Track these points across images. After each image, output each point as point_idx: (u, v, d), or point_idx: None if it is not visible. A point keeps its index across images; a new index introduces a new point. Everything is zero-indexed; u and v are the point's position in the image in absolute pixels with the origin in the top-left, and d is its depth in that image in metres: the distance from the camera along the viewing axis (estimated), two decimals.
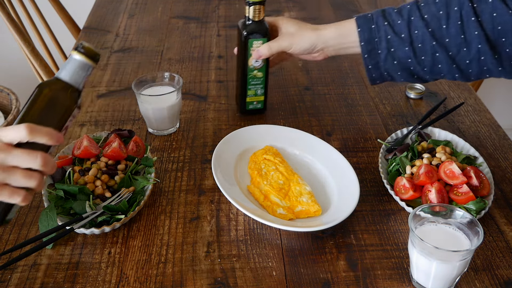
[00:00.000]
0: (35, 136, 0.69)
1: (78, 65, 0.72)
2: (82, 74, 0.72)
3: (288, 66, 1.40)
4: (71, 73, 0.72)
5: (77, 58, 0.72)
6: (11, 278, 0.83)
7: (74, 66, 0.72)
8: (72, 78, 0.72)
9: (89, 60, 0.72)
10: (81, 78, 0.73)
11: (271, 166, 1.01)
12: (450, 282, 0.79)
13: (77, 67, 0.72)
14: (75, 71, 0.72)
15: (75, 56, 0.72)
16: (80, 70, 0.72)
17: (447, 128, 1.13)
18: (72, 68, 0.72)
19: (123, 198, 0.92)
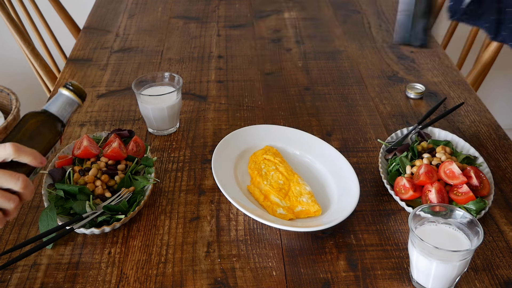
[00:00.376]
0: (20, 155, 0.70)
1: (65, 100, 0.76)
2: (68, 110, 0.76)
3: (288, 66, 1.40)
4: (58, 107, 0.76)
5: (66, 94, 0.76)
6: (11, 278, 0.83)
7: (62, 101, 0.76)
8: (59, 111, 0.76)
9: (77, 97, 0.77)
10: (67, 113, 0.77)
11: (271, 166, 1.01)
12: (450, 282, 0.79)
13: (65, 103, 0.76)
14: (62, 106, 0.76)
15: (64, 92, 0.76)
16: (67, 105, 0.76)
17: (447, 128, 1.13)
18: (60, 102, 0.76)
19: (123, 198, 0.92)
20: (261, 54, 1.46)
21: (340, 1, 1.75)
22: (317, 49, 1.48)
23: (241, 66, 1.40)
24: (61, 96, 0.77)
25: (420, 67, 1.38)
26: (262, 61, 1.42)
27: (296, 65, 1.40)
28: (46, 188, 0.93)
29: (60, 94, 0.77)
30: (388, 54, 1.45)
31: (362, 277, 0.83)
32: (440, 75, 1.34)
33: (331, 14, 1.67)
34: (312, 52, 1.46)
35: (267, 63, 1.41)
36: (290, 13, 1.68)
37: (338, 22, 1.62)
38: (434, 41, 1.01)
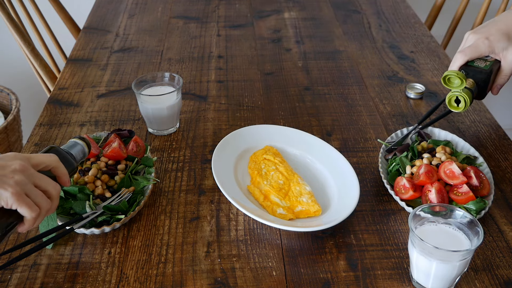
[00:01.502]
0: (59, 166, 0.78)
1: (81, 148, 0.88)
2: (80, 156, 0.87)
3: (288, 66, 1.40)
4: (76, 151, 0.87)
5: (81, 143, 0.88)
6: (11, 278, 0.83)
7: (78, 148, 0.87)
8: (76, 155, 0.87)
9: (87, 149, 0.89)
10: (79, 158, 0.87)
11: (271, 166, 1.01)
12: (450, 282, 0.79)
13: (79, 150, 0.87)
14: (76, 151, 0.87)
15: (79, 142, 0.89)
16: (80, 152, 0.87)
17: (447, 128, 1.13)
18: (77, 149, 0.87)
19: (123, 198, 0.92)
20: (261, 54, 1.46)
21: (340, 1, 1.75)
22: (317, 49, 1.48)
23: (241, 66, 1.40)
24: (78, 144, 0.88)
25: (420, 67, 1.38)
26: (262, 61, 1.42)
27: (296, 65, 1.41)
28: None
29: (76, 143, 0.88)
30: (388, 54, 1.45)
31: (362, 277, 0.83)
32: (440, 75, 1.34)
33: (331, 14, 1.67)
34: (312, 52, 1.46)
35: (267, 63, 1.42)
36: (290, 13, 1.68)
37: (338, 22, 1.62)
38: None
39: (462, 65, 1.05)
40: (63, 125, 1.17)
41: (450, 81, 1.01)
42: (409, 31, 1.57)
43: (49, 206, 0.75)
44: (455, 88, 1.01)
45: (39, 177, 0.74)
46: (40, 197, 0.74)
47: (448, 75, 1.00)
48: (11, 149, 2.06)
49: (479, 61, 1.05)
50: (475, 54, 1.04)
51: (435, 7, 1.85)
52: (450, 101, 1.02)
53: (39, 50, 1.59)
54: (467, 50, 1.04)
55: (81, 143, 0.87)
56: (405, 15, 1.66)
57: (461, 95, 1.00)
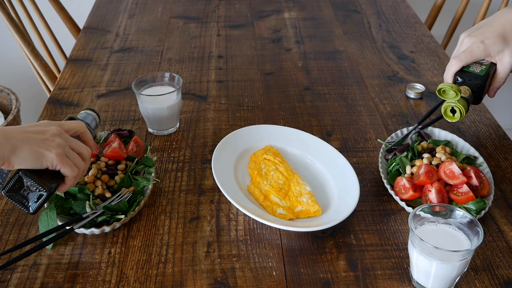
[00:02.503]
0: (86, 133, 0.87)
1: (93, 118, 0.99)
2: (94, 125, 0.99)
3: (288, 66, 1.40)
4: (90, 120, 0.98)
5: (92, 114, 0.99)
6: (11, 278, 0.83)
7: (91, 117, 0.99)
8: (91, 123, 0.98)
9: (98, 119, 1.00)
10: (93, 127, 0.98)
11: (271, 166, 1.01)
12: (450, 282, 0.79)
13: (93, 120, 0.99)
14: (91, 121, 0.98)
15: (90, 113, 0.99)
16: (94, 122, 0.99)
17: (447, 128, 1.13)
18: (90, 119, 0.98)
19: (123, 198, 0.92)
20: (261, 54, 1.46)
21: (340, 1, 1.75)
22: (317, 49, 1.48)
23: (241, 66, 1.40)
24: (89, 115, 0.98)
25: (420, 67, 1.38)
26: (262, 61, 1.42)
27: (296, 65, 1.41)
28: None
29: (87, 114, 0.98)
30: (388, 54, 1.45)
31: (362, 277, 0.83)
32: (440, 75, 1.34)
33: (331, 14, 1.67)
34: (312, 52, 1.46)
35: (267, 63, 1.42)
36: (290, 13, 1.68)
37: (338, 22, 1.62)
38: None
39: (457, 71, 1.04)
40: None
41: (445, 92, 0.99)
42: (409, 31, 1.57)
43: (84, 167, 0.83)
44: (450, 99, 0.99)
45: (74, 141, 0.82)
46: (78, 159, 0.81)
47: (442, 87, 0.99)
48: None
49: (475, 65, 1.04)
50: (470, 59, 1.03)
51: (435, 7, 1.85)
52: (446, 111, 1.01)
53: (39, 50, 1.59)
54: (462, 55, 1.03)
55: (92, 114, 0.97)
56: (405, 15, 1.66)
57: (457, 106, 0.99)
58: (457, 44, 1.08)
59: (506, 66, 1.02)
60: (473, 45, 1.03)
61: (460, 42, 1.06)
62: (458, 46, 1.07)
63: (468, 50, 1.03)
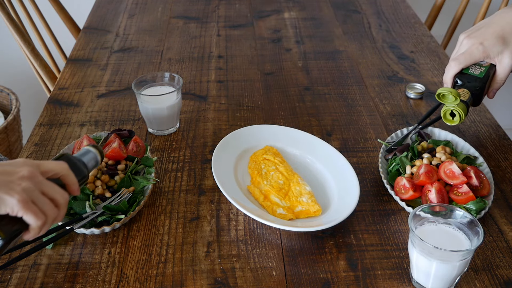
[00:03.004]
0: (69, 175, 0.77)
1: (93, 157, 0.85)
2: (92, 163, 0.84)
3: (288, 66, 1.40)
4: (87, 159, 0.84)
5: (94, 151, 0.85)
6: (11, 278, 0.83)
7: (90, 155, 0.85)
8: (88, 162, 0.84)
9: (100, 157, 0.86)
10: (91, 166, 0.84)
11: (271, 166, 1.01)
12: (450, 282, 0.79)
13: (90, 158, 0.84)
14: (88, 159, 0.84)
15: (92, 149, 0.86)
16: (92, 160, 0.84)
17: (447, 128, 1.13)
18: (87, 157, 0.84)
19: (123, 198, 0.92)
20: (261, 54, 1.46)
21: (340, 1, 1.75)
22: (317, 49, 1.48)
23: (241, 66, 1.40)
24: (90, 152, 0.85)
25: (420, 67, 1.38)
26: (262, 61, 1.42)
27: (296, 65, 1.41)
28: None
29: (88, 151, 0.85)
30: (388, 54, 1.45)
31: (362, 277, 0.83)
32: (440, 75, 1.34)
33: (331, 14, 1.67)
34: (312, 52, 1.46)
35: (267, 63, 1.42)
36: (290, 13, 1.68)
37: (338, 22, 1.62)
38: None
39: (456, 73, 1.03)
40: (63, 125, 1.17)
41: (445, 97, 0.99)
42: (409, 31, 1.57)
43: (55, 215, 0.74)
44: (449, 103, 0.99)
45: (47, 184, 0.73)
46: (47, 205, 0.72)
47: (442, 92, 0.99)
48: (11, 149, 2.06)
49: (474, 67, 1.03)
50: (469, 61, 1.02)
51: (435, 7, 1.85)
52: (445, 115, 1.01)
53: (39, 50, 1.59)
54: (461, 57, 1.02)
55: (94, 151, 0.85)
56: (405, 15, 1.66)
57: (456, 109, 0.98)
58: (456, 44, 1.07)
59: (505, 67, 1.02)
60: (472, 46, 1.02)
61: (460, 43, 1.06)
62: (458, 47, 1.06)
63: (467, 52, 1.02)
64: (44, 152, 1.09)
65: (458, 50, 1.06)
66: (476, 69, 1.03)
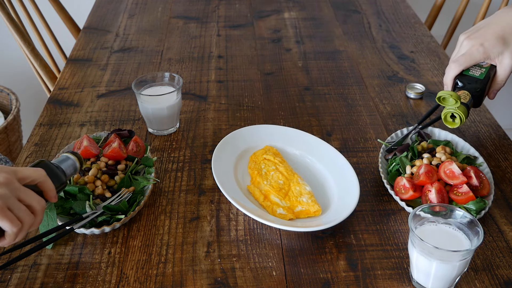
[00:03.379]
0: (46, 182, 0.77)
1: (72, 163, 0.86)
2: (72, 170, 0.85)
3: (288, 66, 1.40)
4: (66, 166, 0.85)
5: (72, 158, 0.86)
6: (11, 278, 0.83)
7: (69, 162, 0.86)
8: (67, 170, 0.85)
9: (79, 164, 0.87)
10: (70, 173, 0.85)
11: (271, 166, 1.01)
12: (450, 282, 0.79)
13: (69, 165, 0.85)
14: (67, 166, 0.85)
15: (71, 157, 0.86)
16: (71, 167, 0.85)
17: (447, 128, 1.13)
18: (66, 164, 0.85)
19: (123, 198, 0.92)
20: (261, 54, 1.46)
21: (340, 1, 1.75)
22: (317, 49, 1.48)
23: (241, 66, 1.40)
24: (69, 159, 0.86)
25: (420, 67, 1.38)
26: (262, 61, 1.42)
27: (296, 65, 1.41)
28: None
29: (67, 158, 0.86)
30: (388, 54, 1.45)
31: (362, 277, 0.83)
32: (440, 75, 1.34)
33: (331, 14, 1.67)
34: (312, 52, 1.46)
35: (267, 63, 1.42)
36: (290, 13, 1.68)
37: (338, 22, 1.62)
38: None
39: (457, 75, 1.03)
40: (63, 125, 1.17)
41: (445, 100, 0.99)
42: (409, 31, 1.57)
43: (32, 221, 0.73)
44: (450, 106, 0.99)
45: (24, 191, 0.72)
46: (23, 212, 0.72)
47: (442, 95, 0.98)
48: (11, 149, 2.06)
49: (474, 68, 1.03)
50: (470, 63, 1.02)
51: (435, 7, 1.85)
52: (446, 117, 1.00)
53: (39, 50, 1.59)
54: (461, 59, 1.02)
55: (73, 158, 0.86)
56: (405, 15, 1.66)
57: (457, 112, 0.98)
58: (456, 45, 1.07)
59: (506, 68, 1.01)
60: (472, 48, 1.02)
61: (460, 43, 1.05)
62: (458, 48, 1.06)
63: (467, 53, 1.02)
64: (44, 152, 1.09)
65: (458, 51, 1.05)
66: (477, 70, 1.02)
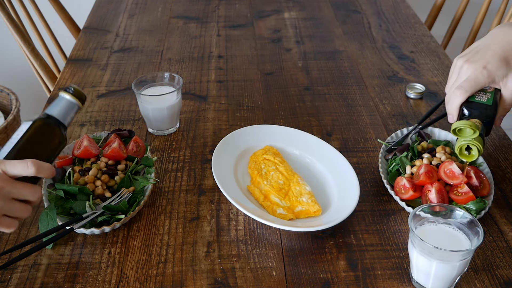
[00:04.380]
0: (40, 172, 0.75)
1: (67, 104, 0.79)
2: (69, 113, 0.79)
3: (288, 66, 1.40)
4: (60, 111, 0.79)
5: (67, 98, 0.79)
6: (11, 278, 0.83)
7: (63, 105, 0.79)
8: (61, 115, 0.79)
9: (77, 100, 0.80)
10: (69, 116, 0.79)
11: (271, 166, 1.01)
12: (450, 282, 0.79)
13: (66, 106, 0.79)
14: (64, 110, 0.79)
15: (65, 96, 0.79)
16: (68, 109, 0.79)
17: (447, 128, 1.13)
18: (61, 106, 0.79)
19: (123, 198, 0.92)
20: (261, 54, 1.46)
21: (340, 1, 1.75)
22: (317, 49, 1.48)
23: (241, 66, 1.40)
24: (62, 100, 0.79)
25: (420, 67, 1.38)
26: (262, 61, 1.42)
27: (296, 65, 1.41)
28: (46, 188, 0.93)
29: (61, 98, 0.79)
30: (388, 54, 1.45)
31: (362, 277, 0.83)
32: (440, 75, 1.35)
33: (331, 14, 1.67)
34: (312, 52, 1.46)
35: (267, 63, 1.42)
36: (290, 13, 1.68)
37: (338, 22, 1.62)
38: None
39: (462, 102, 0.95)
40: None
41: (461, 131, 0.91)
42: (409, 31, 1.57)
43: (29, 212, 0.76)
44: (466, 137, 0.90)
45: (17, 189, 0.73)
46: (19, 211, 0.74)
47: (459, 126, 0.89)
48: None
49: (480, 94, 0.95)
50: (475, 88, 0.93)
51: (435, 7, 1.85)
52: (461, 150, 0.91)
53: (39, 50, 1.59)
54: (466, 85, 0.93)
55: (67, 97, 0.79)
56: (405, 15, 1.66)
57: (474, 144, 0.89)
58: (453, 70, 0.98)
59: None
60: (476, 72, 0.93)
61: (458, 68, 0.96)
62: (457, 73, 0.97)
63: (471, 78, 0.93)
64: None
65: (458, 77, 0.96)
66: (483, 96, 0.95)
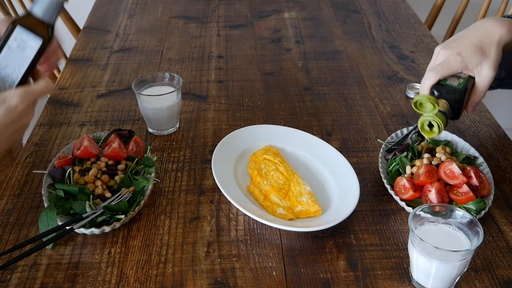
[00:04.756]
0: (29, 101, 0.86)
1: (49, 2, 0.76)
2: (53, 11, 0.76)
3: (288, 66, 1.40)
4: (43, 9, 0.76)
5: None
6: (11, 278, 0.83)
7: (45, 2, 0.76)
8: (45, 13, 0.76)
9: None
10: (53, 15, 0.76)
11: (271, 166, 1.01)
12: (450, 282, 0.79)
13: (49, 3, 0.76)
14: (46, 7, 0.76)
15: None
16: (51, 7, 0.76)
17: (447, 128, 1.13)
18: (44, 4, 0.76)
19: (123, 198, 0.92)
20: (261, 54, 1.46)
21: (340, 1, 1.75)
22: (317, 49, 1.48)
23: (241, 66, 1.40)
24: None
25: (420, 67, 1.38)
26: (262, 61, 1.42)
27: (296, 65, 1.41)
28: (46, 188, 0.93)
29: None
30: (388, 54, 1.45)
31: (362, 277, 0.83)
32: None
33: (331, 14, 1.67)
34: (312, 52, 1.46)
35: (267, 63, 1.42)
36: (290, 13, 1.68)
37: (338, 22, 1.62)
38: None
39: (433, 84, 0.97)
40: (63, 125, 1.17)
41: (422, 105, 0.92)
42: (409, 31, 1.57)
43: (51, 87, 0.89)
44: (427, 113, 0.92)
45: None
46: None
47: (419, 100, 0.91)
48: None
49: (452, 78, 0.96)
50: (447, 72, 0.95)
51: (435, 7, 1.85)
52: (423, 126, 0.93)
53: None
54: (438, 68, 0.95)
55: None
56: (405, 15, 1.66)
57: (434, 120, 0.91)
58: (433, 56, 1.00)
59: (484, 79, 0.96)
60: (449, 57, 0.96)
61: (436, 54, 0.99)
62: (434, 58, 1.00)
63: (444, 62, 0.96)
64: (44, 152, 1.09)
65: (434, 61, 0.99)
66: (454, 81, 0.97)
